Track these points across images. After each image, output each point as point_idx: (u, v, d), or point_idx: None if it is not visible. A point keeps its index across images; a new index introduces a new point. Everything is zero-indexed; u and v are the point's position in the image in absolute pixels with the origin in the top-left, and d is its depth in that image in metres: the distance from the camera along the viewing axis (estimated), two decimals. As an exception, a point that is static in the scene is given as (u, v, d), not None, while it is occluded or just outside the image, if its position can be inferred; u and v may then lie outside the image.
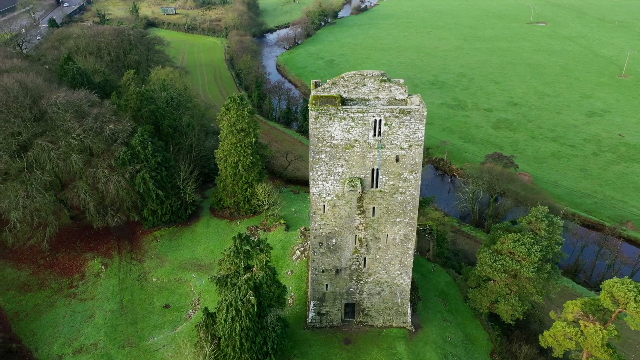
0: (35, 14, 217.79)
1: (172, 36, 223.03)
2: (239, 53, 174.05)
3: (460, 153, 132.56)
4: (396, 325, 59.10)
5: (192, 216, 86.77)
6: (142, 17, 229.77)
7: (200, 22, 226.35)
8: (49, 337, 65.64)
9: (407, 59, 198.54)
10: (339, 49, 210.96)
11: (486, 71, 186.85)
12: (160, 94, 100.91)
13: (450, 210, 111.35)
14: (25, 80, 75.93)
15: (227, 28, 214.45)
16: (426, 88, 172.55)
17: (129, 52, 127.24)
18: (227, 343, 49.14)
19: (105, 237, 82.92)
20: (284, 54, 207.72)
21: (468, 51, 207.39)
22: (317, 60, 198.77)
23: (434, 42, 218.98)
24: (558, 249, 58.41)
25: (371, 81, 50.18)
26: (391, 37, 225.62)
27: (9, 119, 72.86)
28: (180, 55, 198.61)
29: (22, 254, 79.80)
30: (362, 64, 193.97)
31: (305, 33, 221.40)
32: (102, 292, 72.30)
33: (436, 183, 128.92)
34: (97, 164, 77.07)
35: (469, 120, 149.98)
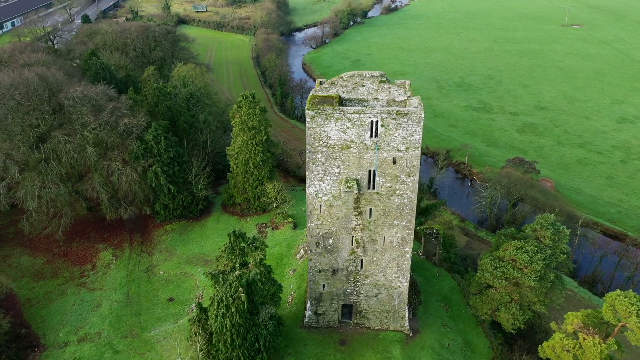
0: (71, 10, 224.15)
1: (202, 33, 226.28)
2: (264, 51, 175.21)
3: (482, 157, 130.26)
4: (393, 329, 58.56)
5: (203, 211, 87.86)
6: (173, 14, 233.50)
7: (229, 19, 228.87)
8: (56, 324, 67.58)
9: (434, 60, 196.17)
10: (366, 48, 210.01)
11: (515, 74, 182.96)
12: (180, 90, 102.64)
13: (467, 214, 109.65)
14: (46, 74, 78.22)
15: (256, 26, 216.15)
16: (452, 90, 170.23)
17: (154, 48, 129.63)
18: (218, 338, 49.67)
19: (118, 229, 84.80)
20: (310, 53, 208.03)
21: (497, 53, 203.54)
22: (343, 59, 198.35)
23: (463, 43, 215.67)
24: (563, 258, 56.82)
25: (370, 82, 49.82)
26: (420, 37, 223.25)
27: (28, 111, 75.18)
28: (208, 52, 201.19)
29: (39, 242, 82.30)
30: (389, 64, 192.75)
31: (333, 32, 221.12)
32: (110, 282, 74.00)
33: (456, 186, 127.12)
34: (111, 157, 78.88)
35: (493, 124, 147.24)
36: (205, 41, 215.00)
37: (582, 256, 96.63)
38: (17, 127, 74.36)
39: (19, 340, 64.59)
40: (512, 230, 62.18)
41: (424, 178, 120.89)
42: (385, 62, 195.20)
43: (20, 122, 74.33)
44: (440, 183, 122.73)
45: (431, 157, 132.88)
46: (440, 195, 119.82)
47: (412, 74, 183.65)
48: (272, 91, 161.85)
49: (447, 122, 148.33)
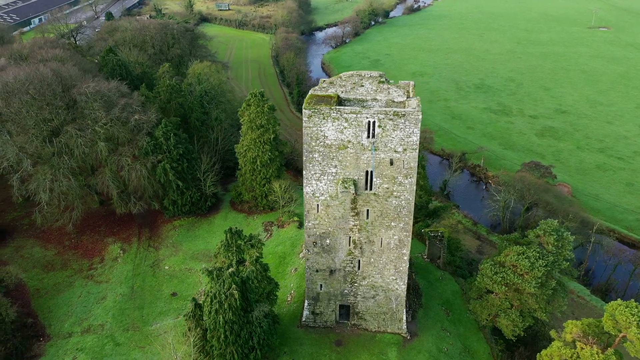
0: (97, 7, 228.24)
1: (223, 31, 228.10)
2: (283, 50, 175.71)
3: (498, 160, 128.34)
4: (391, 331, 58.14)
5: (212, 208, 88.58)
6: (196, 12, 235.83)
7: (251, 18, 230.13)
8: (62, 315, 68.94)
9: (454, 61, 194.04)
10: (386, 48, 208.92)
11: (536, 76, 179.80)
12: (195, 88, 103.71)
13: (480, 218, 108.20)
14: (60, 70, 79.85)
15: (277, 25, 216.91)
16: (471, 92, 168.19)
17: (172, 46, 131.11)
18: (212, 334, 50.01)
19: (128, 224, 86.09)
20: (330, 53, 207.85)
21: (520, 55, 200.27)
22: (363, 59, 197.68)
23: (485, 44, 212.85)
24: (566, 265, 55.60)
25: (369, 82, 49.51)
26: (441, 38, 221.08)
27: (41, 105, 76.77)
28: (229, 50, 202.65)
29: (51, 234, 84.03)
30: (408, 64, 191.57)
31: (354, 32, 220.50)
32: (116, 275, 75.17)
33: (470, 190, 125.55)
34: (121, 152, 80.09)
35: (511, 127, 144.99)
36: (226, 39, 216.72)
37: (596, 264, 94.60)
38: (31, 121, 76.02)
39: (25, 329, 66.06)
40: (516, 235, 61.16)
41: (437, 180, 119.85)
42: (405, 62, 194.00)
43: (34, 117, 75.96)
44: (454, 186, 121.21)
45: (446, 159, 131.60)
46: (454, 198, 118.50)
47: (431, 74, 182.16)
48: (289, 90, 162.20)
49: (464, 124, 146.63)
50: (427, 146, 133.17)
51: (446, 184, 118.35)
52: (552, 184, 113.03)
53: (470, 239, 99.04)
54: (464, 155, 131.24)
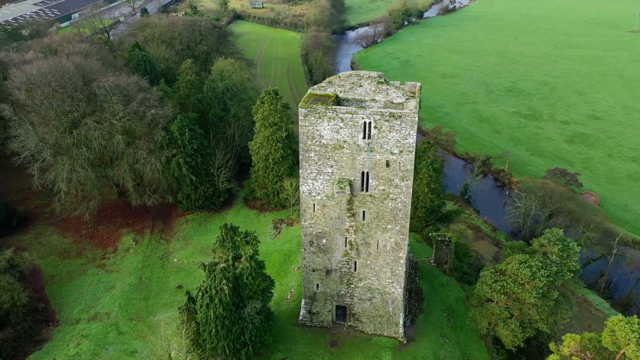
0: (135, 3, 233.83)
1: (255, 29, 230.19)
2: (311, 48, 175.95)
3: (524, 166, 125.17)
4: (387, 335, 57.51)
5: (225, 203, 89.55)
6: (230, 10, 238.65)
7: (283, 16, 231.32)
8: (72, 302, 71.02)
9: (486, 63, 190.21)
10: (417, 49, 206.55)
11: (571, 81, 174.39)
12: (218, 84, 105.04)
13: (500, 224, 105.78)
14: (82, 63, 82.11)
15: (309, 24, 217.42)
16: (501, 95, 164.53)
17: (199, 42, 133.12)
18: (204, 328, 50.58)
19: (143, 216, 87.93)
20: (360, 52, 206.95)
21: (555, 59, 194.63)
22: (393, 59, 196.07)
23: (519, 47, 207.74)
24: (570, 277, 53.72)
25: (368, 82, 49.05)
26: (475, 39, 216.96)
27: (63, 98, 79.18)
28: (259, 48, 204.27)
29: (70, 223, 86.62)
30: (438, 65, 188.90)
31: (386, 32, 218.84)
32: (127, 266, 76.90)
33: (493, 195, 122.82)
34: (138, 145, 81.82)
35: (540, 132, 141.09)
36: (258, 37, 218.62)
37: (618, 276, 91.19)
38: (52, 112, 78.50)
39: (36, 314, 68.31)
40: (521, 243, 59.50)
41: (458, 184, 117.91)
42: (435, 63, 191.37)
43: (55, 108, 78.38)
44: (476, 190, 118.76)
45: (470, 162, 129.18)
46: (475, 203, 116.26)
47: (461, 76, 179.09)
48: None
49: (491, 128, 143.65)
50: (449, 148, 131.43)
51: (467, 188, 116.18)
52: (578, 192, 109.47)
53: (487, 245, 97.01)
54: (488, 160, 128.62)
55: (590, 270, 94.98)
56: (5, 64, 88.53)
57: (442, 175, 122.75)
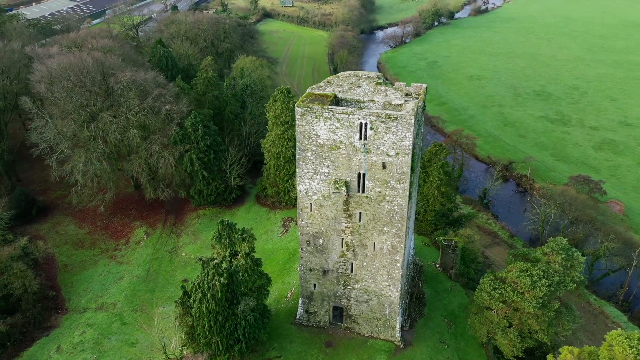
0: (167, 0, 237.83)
1: (284, 27, 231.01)
2: (337, 48, 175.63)
3: (548, 171, 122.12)
4: (384, 338, 56.98)
5: (237, 200, 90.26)
6: (260, 8, 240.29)
7: (312, 15, 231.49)
8: (82, 291, 72.91)
9: (516, 66, 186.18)
10: (445, 50, 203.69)
11: (604, 86, 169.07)
12: (238, 82, 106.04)
13: (518, 230, 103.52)
14: (101, 59, 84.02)
15: (337, 23, 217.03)
16: (529, 98, 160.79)
17: (223, 39, 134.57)
18: (197, 323, 51.12)
19: (156, 209, 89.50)
20: (387, 52, 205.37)
21: (589, 62, 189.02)
22: (420, 60, 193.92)
23: (552, 50, 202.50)
24: (572, 287, 52.11)
25: (366, 83, 48.60)
26: (505, 41, 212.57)
27: (81, 92, 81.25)
28: (287, 46, 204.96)
29: (86, 214, 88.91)
30: (466, 67, 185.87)
31: (415, 32, 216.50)
32: (136, 258, 78.43)
33: (514, 200, 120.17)
34: (152, 140, 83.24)
35: (567, 137, 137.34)
36: (286, 35, 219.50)
37: (638, 289, 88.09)
38: (71, 106, 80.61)
39: (46, 301, 70.36)
40: (525, 250, 58.03)
41: (477, 188, 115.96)
42: (463, 65, 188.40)
43: (73, 102, 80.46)
44: (496, 195, 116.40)
45: (492, 167, 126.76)
46: (494, 208, 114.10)
47: (489, 79, 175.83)
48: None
49: (516, 132, 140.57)
50: (470, 152, 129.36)
51: (486, 193, 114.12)
52: (602, 200, 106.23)
53: (503, 251, 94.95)
54: (510, 165, 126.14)
55: (609, 282, 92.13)
56: (30, 57, 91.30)
57: (462, 179, 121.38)
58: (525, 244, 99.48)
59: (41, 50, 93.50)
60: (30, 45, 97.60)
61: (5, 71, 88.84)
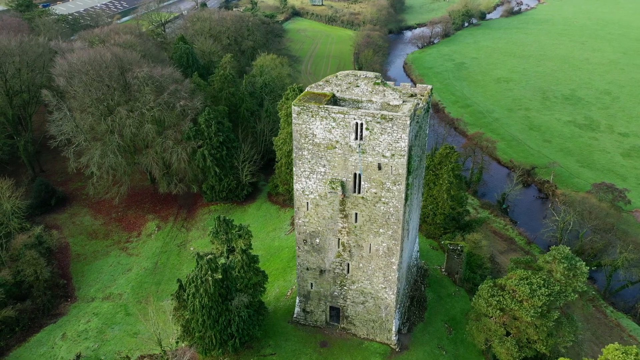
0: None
1: (312, 26, 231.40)
2: (362, 47, 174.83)
3: (571, 178, 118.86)
4: (379, 341, 56.44)
5: (248, 197, 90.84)
6: (289, 7, 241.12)
7: (340, 14, 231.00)
8: (91, 281, 74.64)
9: (546, 69, 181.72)
10: (474, 51, 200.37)
11: (638, 91, 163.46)
12: (257, 79, 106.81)
13: (536, 237, 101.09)
14: (120, 54, 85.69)
15: (365, 22, 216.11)
16: (557, 102, 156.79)
17: (246, 37, 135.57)
18: (192, 317, 51.68)
19: (170, 203, 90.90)
20: (414, 53, 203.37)
21: (623, 66, 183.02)
22: (447, 61, 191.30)
23: (585, 53, 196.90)
24: (574, 298, 50.54)
25: (364, 82, 48.17)
26: (537, 44, 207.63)
27: (99, 86, 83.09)
28: (313, 45, 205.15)
29: (102, 206, 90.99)
30: (494, 69, 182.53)
31: (443, 33, 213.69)
32: (146, 250, 79.83)
33: (535, 206, 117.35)
34: (166, 135, 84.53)
35: (595, 144, 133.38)
36: (313, 34, 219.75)
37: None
38: (88, 99, 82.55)
39: (57, 289, 72.28)
40: (527, 258, 56.57)
41: (496, 193, 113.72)
42: (491, 67, 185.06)
43: (91, 96, 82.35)
44: (517, 201, 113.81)
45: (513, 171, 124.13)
46: (513, 214, 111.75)
47: (517, 81, 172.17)
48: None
49: (541, 137, 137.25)
50: (491, 155, 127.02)
51: (505, 198, 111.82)
52: (626, 209, 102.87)
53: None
54: (533, 170, 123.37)
55: (628, 294, 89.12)
56: (55, 52, 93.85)
57: (481, 183, 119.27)
58: (542, 252, 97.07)
59: (65, 44, 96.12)
60: (55, 39, 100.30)
61: (29, 64, 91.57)
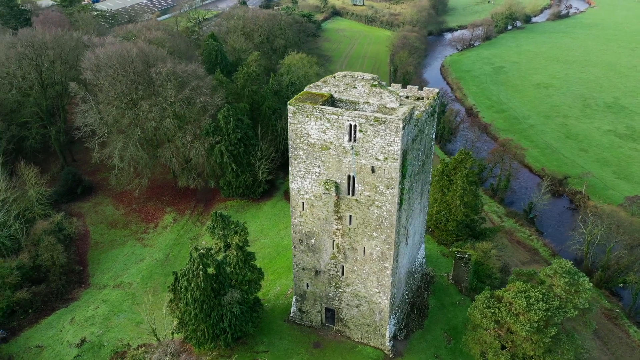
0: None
1: (351, 26, 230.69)
2: (397, 48, 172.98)
3: (606, 190, 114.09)
4: (373, 345, 55.80)
5: (265, 194, 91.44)
6: (329, 6, 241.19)
7: (380, 15, 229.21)
8: (105, 269, 76.99)
9: (590, 75, 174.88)
10: (515, 55, 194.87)
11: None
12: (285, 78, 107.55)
13: (561, 249, 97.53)
14: (145, 49, 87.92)
15: (404, 23, 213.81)
16: (598, 110, 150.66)
17: (278, 36, 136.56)
18: (185, 309, 52.54)
19: (188, 197, 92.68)
20: (453, 55, 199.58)
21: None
22: (486, 65, 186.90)
23: (634, 60, 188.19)
24: (574, 314, 48.40)
25: (361, 84, 47.65)
26: (582, 49, 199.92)
27: (124, 80, 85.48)
28: (350, 45, 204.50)
29: (125, 196, 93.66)
30: (534, 74, 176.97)
31: (485, 35, 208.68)
32: (160, 242, 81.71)
33: (565, 217, 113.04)
34: (186, 130, 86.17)
35: (635, 155, 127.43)
36: (351, 34, 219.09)
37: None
38: (113, 93, 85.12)
39: (72, 274, 74.96)
40: (530, 270, 54.53)
41: (523, 202, 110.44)
42: (532, 71, 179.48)
43: (116, 89, 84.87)
44: (546, 211, 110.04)
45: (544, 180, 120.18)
46: (540, 224, 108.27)
47: (557, 87, 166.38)
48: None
49: (577, 146, 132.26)
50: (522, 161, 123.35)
51: (532, 207, 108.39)
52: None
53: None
54: (565, 179, 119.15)
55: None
56: (85, 46, 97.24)
57: (509, 191, 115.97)
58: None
59: (97, 39, 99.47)
60: (88, 34, 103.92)
61: (63, 58, 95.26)
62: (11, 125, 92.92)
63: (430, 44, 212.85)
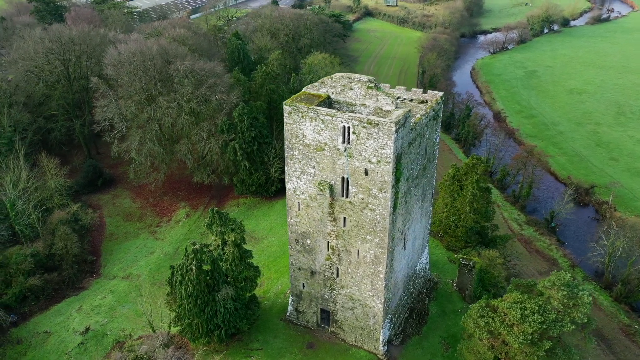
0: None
1: (383, 27, 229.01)
2: (426, 50, 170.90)
3: (634, 201, 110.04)
4: (367, 349, 55.38)
5: (277, 193, 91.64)
6: (362, 6, 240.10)
7: (412, 16, 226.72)
8: (117, 260, 78.87)
9: (626, 82, 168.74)
10: (549, 60, 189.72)
11: None
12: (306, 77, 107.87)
13: (581, 261, 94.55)
14: (165, 47, 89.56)
15: (437, 24, 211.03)
16: (633, 119, 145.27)
17: (303, 35, 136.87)
18: (180, 303, 53.34)
19: (203, 193, 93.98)
20: (485, 58, 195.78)
21: None
22: (518, 69, 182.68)
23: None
24: (570, 328, 46.78)
25: (358, 86, 47.30)
26: (621, 54, 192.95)
27: (144, 76, 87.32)
28: (380, 46, 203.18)
29: (142, 190, 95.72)
30: (568, 79, 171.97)
31: (519, 38, 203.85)
32: (171, 236, 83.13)
33: (589, 228, 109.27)
34: (202, 127, 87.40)
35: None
36: (382, 34, 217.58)
37: None
38: (132, 88, 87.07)
39: (84, 264, 77.01)
40: (530, 281, 52.98)
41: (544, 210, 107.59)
42: (566, 77, 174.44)
43: (135, 85, 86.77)
44: (569, 220, 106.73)
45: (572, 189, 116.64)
46: (563, 234, 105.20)
47: (591, 94, 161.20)
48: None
49: (608, 154, 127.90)
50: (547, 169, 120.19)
51: (553, 216, 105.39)
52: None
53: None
54: (592, 189, 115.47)
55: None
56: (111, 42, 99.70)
57: (531, 198, 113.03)
58: (586, 277, 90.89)
59: (122, 36, 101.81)
60: (115, 31, 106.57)
61: (89, 53, 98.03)
62: (38, 117, 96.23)
63: (462, 46, 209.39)
